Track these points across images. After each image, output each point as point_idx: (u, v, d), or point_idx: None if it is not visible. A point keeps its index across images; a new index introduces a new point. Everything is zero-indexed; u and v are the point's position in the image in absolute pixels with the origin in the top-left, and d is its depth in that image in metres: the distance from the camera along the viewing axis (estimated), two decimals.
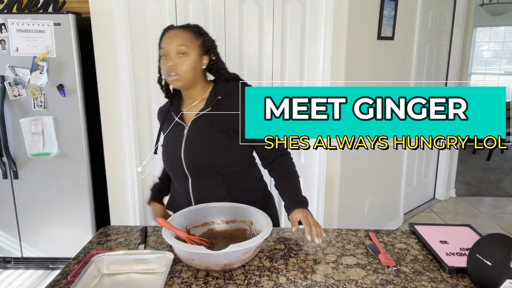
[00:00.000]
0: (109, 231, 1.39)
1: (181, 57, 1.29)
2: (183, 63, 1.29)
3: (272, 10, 2.32)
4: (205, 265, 1.06)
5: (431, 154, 3.88)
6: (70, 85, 2.41)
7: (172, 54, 1.28)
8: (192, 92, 1.37)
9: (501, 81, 7.47)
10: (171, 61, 1.28)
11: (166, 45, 1.30)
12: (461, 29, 3.64)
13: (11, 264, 2.70)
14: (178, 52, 1.28)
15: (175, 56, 1.28)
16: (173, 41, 1.29)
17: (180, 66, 1.28)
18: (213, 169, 1.34)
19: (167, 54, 1.29)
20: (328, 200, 2.62)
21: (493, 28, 7.34)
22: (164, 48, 1.30)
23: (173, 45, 1.28)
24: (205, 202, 1.33)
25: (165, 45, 1.30)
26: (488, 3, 5.97)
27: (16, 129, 2.46)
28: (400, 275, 1.10)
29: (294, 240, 1.31)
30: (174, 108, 1.40)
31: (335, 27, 2.35)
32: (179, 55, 1.28)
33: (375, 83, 2.77)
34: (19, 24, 2.31)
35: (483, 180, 4.73)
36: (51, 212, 2.59)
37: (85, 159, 2.51)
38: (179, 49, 1.28)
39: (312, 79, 2.44)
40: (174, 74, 1.29)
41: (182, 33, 1.31)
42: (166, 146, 1.41)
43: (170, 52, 1.29)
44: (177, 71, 1.28)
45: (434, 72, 3.59)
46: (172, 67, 1.28)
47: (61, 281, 1.08)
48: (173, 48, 1.28)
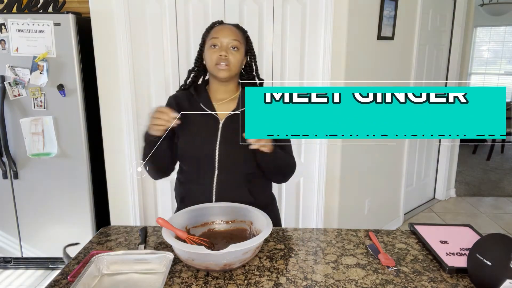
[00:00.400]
0: (109, 231, 1.39)
1: (234, 52, 1.35)
2: (234, 56, 1.35)
3: (272, 10, 2.32)
4: (205, 265, 1.06)
5: (431, 154, 3.88)
6: (70, 85, 2.41)
7: (226, 46, 1.34)
8: (227, 88, 1.42)
9: (501, 81, 7.47)
10: (224, 51, 1.34)
11: (220, 36, 1.35)
12: (461, 29, 3.64)
13: (11, 264, 2.70)
14: (232, 45, 1.35)
15: (228, 48, 1.34)
16: (228, 34, 1.36)
17: (232, 59, 1.35)
18: (241, 165, 1.37)
19: (220, 45, 1.34)
20: (328, 200, 2.62)
21: (493, 28, 7.34)
22: (217, 38, 1.35)
23: (228, 38, 1.35)
24: (226, 197, 1.35)
25: (219, 36, 1.35)
26: (488, 3, 5.97)
27: (16, 129, 2.46)
28: (400, 275, 1.10)
29: (294, 240, 1.31)
30: (203, 100, 1.41)
31: (335, 27, 2.35)
32: (233, 49, 1.35)
33: (375, 83, 2.77)
34: (19, 24, 2.31)
35: (483, 180, 4.73)
36: (51, 212, 2.59)
37: (85, 159, 2.51)
38: (233, 43, 1.35)
39: (312, 79, 2.44)
40: (225, 64, 1.34)
41: (235, 30, 1.39)
42: (196, 136, 1.39)
43: (224, 43, 1.35)
44: (228, 62, 1.34)
45: (434, 72, 3.59)
46: (224, 57, 1.33)
47: (61, 281, 1.08)
48: (228, 41, 1.35)
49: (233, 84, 1.43)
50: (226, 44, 1.34)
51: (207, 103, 1.40)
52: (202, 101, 1.41)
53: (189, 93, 1.45)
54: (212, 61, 1.35)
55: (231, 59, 1.34)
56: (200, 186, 1.39)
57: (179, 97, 1.47)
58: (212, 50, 1.35)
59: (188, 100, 1.43)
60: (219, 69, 1.34)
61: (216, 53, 1.34)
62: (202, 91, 1.44)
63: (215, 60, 1.34)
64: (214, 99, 1.42)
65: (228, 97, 1.42)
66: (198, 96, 1.42)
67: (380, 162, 3.02)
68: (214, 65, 1.35)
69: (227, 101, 1.42)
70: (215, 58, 1.34)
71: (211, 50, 1.35)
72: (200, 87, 1.45)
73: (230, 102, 1.42)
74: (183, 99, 1.45)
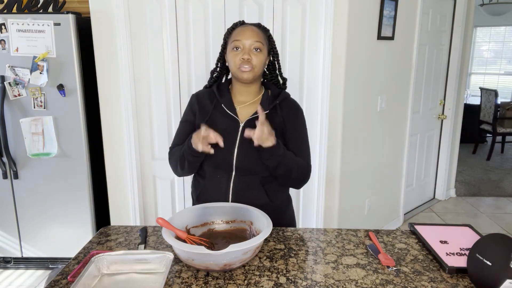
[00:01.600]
0: (109, 231, 1.39)
1: (256, 53, 1.34)
2: (257, 58, 1.35)
3: (272, 10, 2.32)
4: (205, 265, 1.06)
5: (431, 154, 3.88)
6: (70, 85, 2.41)
7: (248, 48, 1.34)
8: (249, 89, 1.42)
9: (501, 81, 7.47)
10: (247, 54, 1.33)
11: (242, 38, 1.35)
12: (461, 29, 3.64)
13: (11, 264, 2.70)
14: (254, 47, 1.35)
15: (250, 50, 1.34)
16: (251, 36, 1.35)
17: (255, 61, 1.35)
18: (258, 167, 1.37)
19: (243, 47, 1.34)
20: (328, 200, 2.62)
21: (493, 28, 7.34)
22: (240, 40, 1.35)
23: (250, 40, 1.34)
24: (242, 197, 1.35)
25: (241, 38, 1.35)
26: (488, 3, 5.97)
27: (16, 129, 2.46)
28: (400, 275, 1.10)
29: (294, 240, 1.31)
30: (225, 102, 1.41)
31: (335, 27, 2.35)
32: (255, 50, 1.34)
33: (375, 83, 2.77)
34: (19, 24, 2.31)
35: (483, 180, 4.73)
36: (51, 212, 2.59)
37: (85, 159, 2.51)
38: (256, 44, 1.35)
39: (312, 79, 2.44)
40: (248, 67, 1.34)
41: (257, 31, 1.38)
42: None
43: (246, 45, 1.34)
44: (251, 64, 1.34)
45: (434, 72, 3.59)
46: (248, 59, 1.33)
47: (61, 281, 1.08)
48: (250, 43, 1.34)
49: (256, 85, 1.43)
50: (249, 46, 1.34)
51: (229, 104, 1.41)
52: (224, 102, 1.41)
53: (211, 92, 1.45)
54: (236, 64, 1.35)
55: (254, 61, 1.34)
56: (217, 185, 1.41)
57: (201, 96, 1.47)
58: (235, 52, 1.35)
59: (210, 100, 1.44)
60: (243, 72, 1.35)
61: (238, 56, 1.34)
62: (224, 91, 1.44)
63: (238, 63, 1.34)
64: (236, 101, 1.43)
65: (250, 100, 1.43)
66: (221, 96, 1.43)
67: (380, 162, 3.02)
68: (238, 68, 1.35)
69: (249, 104, 1.43)
70: (238, 60, 1.34)
71: (234, 53, 1.35)
72: (223, 87, 1.46)
73: (252, 105, 1.42)
74: (205, 98, 1.45)
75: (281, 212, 1.48)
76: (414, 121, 3.42)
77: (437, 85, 3.68)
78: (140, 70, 2.36)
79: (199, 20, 2.30)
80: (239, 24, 1.40)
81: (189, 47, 2.34)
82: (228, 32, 1.41)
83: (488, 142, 6.34)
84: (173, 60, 2.35)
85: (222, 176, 1.40)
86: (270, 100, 1.41)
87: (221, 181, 1.40)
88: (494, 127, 5.46)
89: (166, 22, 2.29)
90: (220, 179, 1.40)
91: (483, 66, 7.66)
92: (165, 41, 2.32)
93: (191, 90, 2.40)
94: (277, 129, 1.37)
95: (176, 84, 2.39)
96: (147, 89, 2.40)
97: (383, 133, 2.98)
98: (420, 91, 3.46)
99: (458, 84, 3.80)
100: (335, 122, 2.49)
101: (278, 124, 1.39)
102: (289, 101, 1.46)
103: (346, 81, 2.47)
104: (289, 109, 1.44)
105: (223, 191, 1.40)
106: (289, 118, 1.42)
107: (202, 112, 1.43)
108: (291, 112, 1.44)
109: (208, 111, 1.42)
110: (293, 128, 1.43)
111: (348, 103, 2.54)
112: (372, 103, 2.80)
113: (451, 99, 3.80)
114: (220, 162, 1.39)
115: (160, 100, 2.42)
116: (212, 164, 1.41)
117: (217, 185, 1.41)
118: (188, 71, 2.37)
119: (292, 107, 1.45)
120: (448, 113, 3.82)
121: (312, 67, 2.41)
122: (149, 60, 2.35)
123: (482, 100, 5.70)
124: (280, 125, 1.40)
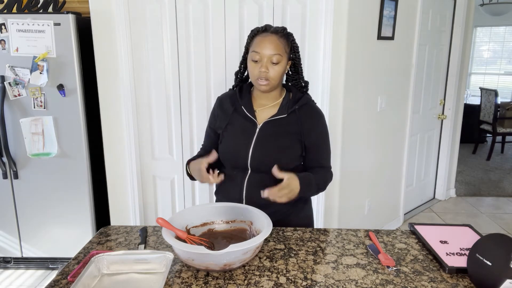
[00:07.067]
0: (109, 231, 1.39)
1: (274, 66, 1.34)
2: (275, 71, 1.34)
3: (272, 10, 2.32)
4: (205, 265, 1.06)
5: (431, 154, 3.88)
6: (70, 85, 2.41)
7: (266, 61, 1.33)
8: (269, 95, 1.43)
9: (501, 81, 7.47)
10: (264, 67, 1.33)
11: (260, 51, 1.33)
12: (461, 29, 3.64)
13: (11, 264, 2.70)
14: (272, 61, 1.33)
15: (268, 63, 1.33)
16: (269, 49, 1.33)
17: (272, 73, 1.34)
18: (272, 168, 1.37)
19: (260, 59, 1.33)
20: (328, 200, 2.62)
21: (493, 28, 7.34)
22: (258, 53, 1.33)
23: (268, 53, 1.33)
24: (255, 197, 1.36)
25: (259, 51, 1.33)
26: (488, 3, 5.97)
27: (16, 129, 2.46)
28: (400, 275, 1.10)
29: (294, 240, 1.31)
30: (245, 103, 1.44)
31: (335, 27, 2.35)
32: (273, 64, 1.34)
33: (375, 83, 2.77)
34: (19, 24, 2.31)
35: (483, 180, 4.73)
36: (51, 212, 2.59)
37: (85, 159, 2.51)
38: (274, 58, 1.33)
39: (312, 79, 2.44)
40: (265, 80, 1.34)
41: (277, 41, 1.34)
42: (233, 138, 1.44)
43: (264, 58, 1.33)
44: (268, 78, 1.34)
45: (434, 72, 3.59)
46: (264, 73, 1.33)
47: (61, 281, 1.08)
48: (269, 56, 1.33)
49: (276, 91, 1.44)
50: (267, 59, 1.33)
51: (248, 106, 1.43)
52: (244, 104, 1.44)
53: (234, 93, 1.48)
54: (254, 75, 1.37)
55: (271, 74, 1.34)
56: (233, 183, 1.45)
57: (223, 99, 1.51)
58: (253, 64, 1.35)
59: (231, 100, 1.47)
60: (260, 84, 1.36)
61: (256, 69, 1.35)
62: (246, 93, 1.46)
63: (256, 75, 1.35)
64: (256, 104, 1.45)
65: (270, 103, 1.45)
66: (241, 98, 1.45)
67: (380, 162, 3.02)
68: (255, 79, 1.36)
69: (269, 107, 1.44)
70: (256, 73, 1.35)
71: (252, 64, 1.36)
72: (245, 90, 1.48)
73: (271, 108, 1.44)
74: (227, 101, 1.49)
75: (297, 211, 1.49)
76: (414, 121, 3.42)
77: (437, 85, 3.68)
78: (140, 70, 2.36)
79: (199, 20, 2.30)
80: (261, 30, 1.37)
81: (189, 47, 2.34)
82: (249, 38, 1.40)
83: (488, 142, 6.34)
84: (173, 60, 2.35)
85: (238, 175, 1.44)
86: (290, 104, 1.42)
87: (237, 178, 1.44)
88: (494, 127, 5.46)
89: (166, 22, 2.29)
90: (235, 178, 1.44)
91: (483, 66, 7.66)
92: (165, 41, 2.32)
93: (191, 90, 2.40)
94: (295, 134, 1.40)
95: (176, 84, 2.39)
96: (147, 89, 2.40)
97: (383, 133, 2.98)
98: (420, 91, 3.46)
99: (458, 84, 3.80)
100: (335, 122, 2.49)
101: (296, 128, 1.40)
102: (310, 106, 1.45)
103: (346, 81, 2.47)
104: (308, 114, 1.43)
105: (237, 189, 1.43)
106: (307, 124, 1.42)
107: (223, 115, 1.47)
108: (310, 118, 1.43)
109: (229, 113, 1.46)
110: (312, 133, 1.43)
111: (348, 103, 2.54)
112: (372, 103, 2.80)
113: (451, 99, 3.80)
114: (236, 161, 1.43)
115: (160, 100, 2.42)
116: (229, 162, 1.46)
117: (232, 183, 1.45)
118: (188, 71, 2.38)
119: (311, 113, 1.45)
120: (448, 113, 3.82)
121: (312, 67, 2.41)
122: (149, 60, 2.35)
123: (482, 100, 5.70)
124: (298, 129, 1.41)
